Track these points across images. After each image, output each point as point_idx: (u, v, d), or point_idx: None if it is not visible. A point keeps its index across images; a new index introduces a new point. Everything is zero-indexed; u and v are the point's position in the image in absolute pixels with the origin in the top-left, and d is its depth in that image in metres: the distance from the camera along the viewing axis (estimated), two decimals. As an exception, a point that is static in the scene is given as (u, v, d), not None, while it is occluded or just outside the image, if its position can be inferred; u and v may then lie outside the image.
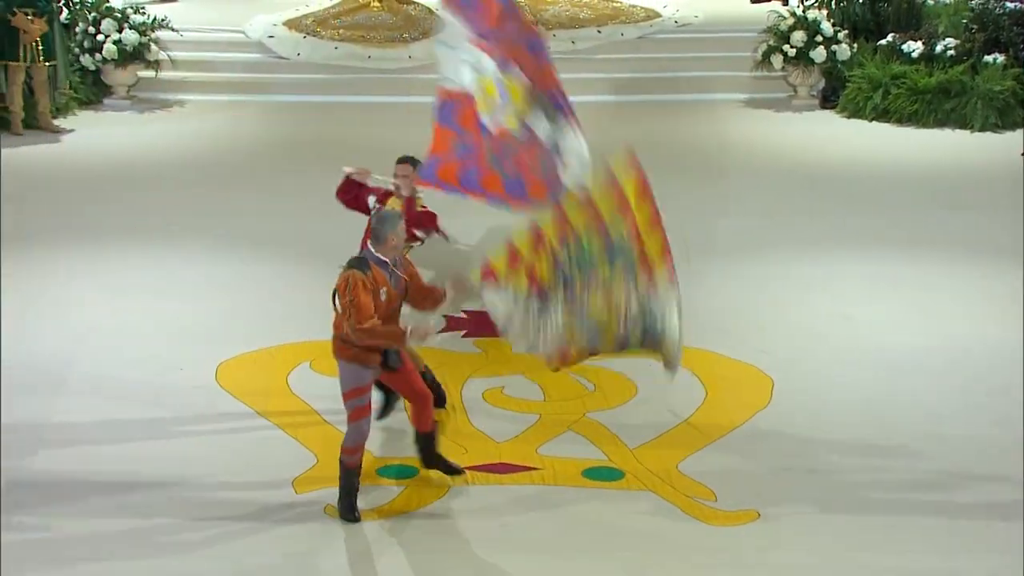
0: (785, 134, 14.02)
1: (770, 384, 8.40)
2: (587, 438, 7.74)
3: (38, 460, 7.36)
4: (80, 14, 14.67)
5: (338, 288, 6.76)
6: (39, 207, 11.44)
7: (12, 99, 13.49)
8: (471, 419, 7.92)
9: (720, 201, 11.84)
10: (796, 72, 14.96)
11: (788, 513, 7.03)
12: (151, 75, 14.72)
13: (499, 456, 7.51)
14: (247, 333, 8.80)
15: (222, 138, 13.65)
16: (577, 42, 15.62)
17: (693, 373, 8.45)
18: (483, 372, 8.42)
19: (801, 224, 11.22)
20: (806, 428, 7.90)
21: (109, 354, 8.54)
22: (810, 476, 7.39)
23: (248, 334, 8.77)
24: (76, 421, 7.80)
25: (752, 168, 12.88)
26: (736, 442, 7.74)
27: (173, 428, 7.76)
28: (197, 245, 10.46)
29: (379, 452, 7.50)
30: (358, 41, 15.48)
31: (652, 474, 7.36)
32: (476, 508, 7.05)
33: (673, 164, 12.83)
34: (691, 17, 16.26)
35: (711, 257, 10.40)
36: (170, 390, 8.16)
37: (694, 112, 14.66)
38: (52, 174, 12.44)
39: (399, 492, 7.14)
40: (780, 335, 9.12)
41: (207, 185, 12.04)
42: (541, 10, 16.24)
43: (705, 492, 7.19)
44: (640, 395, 8.23)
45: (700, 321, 9.25)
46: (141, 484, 7.15)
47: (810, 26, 14.85)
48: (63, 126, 13.83)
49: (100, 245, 10.57)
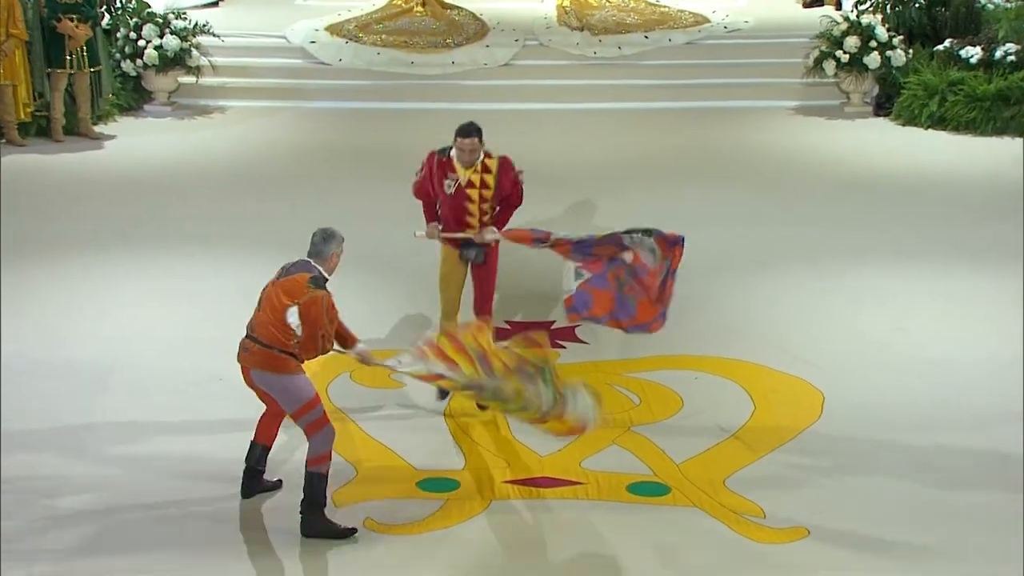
0: (837, 142, 13.82)
1: (820, 398, 8.22)
2: (632, 452, 7.59)
3: (78, 465, 7.32)
4: (122, 19, 14.67)
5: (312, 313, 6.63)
6: (79, 213, 11.43)
7: (54, 105, 13.50)
8: (513, 432, 7.77)
9: (770, 211, 11.67)
10: (849, 79, 14.73)
11: (839, 531, 6.84)
12: (192, 81, 14.70)
13: (542, 470, 7.38)
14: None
15: (262, 145, 13.60)
16: (624, 48, 15.46)
17: (741, 386, 8.30)
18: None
19: (854, 234, 11.02)
20: (857, 443, 7.71)
21: (149, 361, 8.51)
22: (862, 493, 7.21)
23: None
24: (116, 427, 7.74)
25: (803, 177, 12.69)
26: (785, 457, 7.57)
27: (212, 438, 7.67)
28: (237, 252, 10.39)
29: (419, 465, 7.39)
30: (401, 47, 15.38)
31: (699, 490, 7.19)
32: (517, 522, 6.94)
33: (722, 173, 12.70)
34: (741, 22, 16.07)
35: (760, 267, 10.26)
36: (209, 399, 8.08)
37: (744, 120, 14.49)
38: (92, 180, 12.44)
39: (440, 505, 7.02)
40: (831, 348, 8.92)
41: (247, 192, 11.99)
42: (587, 15, 16.08)
43: (753, 508, 7.01)
44: (686, 409, 8.08)
45: (749, 333, 9.11)
46: (178, 493, 7.07)
47: (864, 31, 14.61)
48: (103, 132, 13.83)
49: (139, 251, 10.53)
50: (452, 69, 15.16)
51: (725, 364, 8.64)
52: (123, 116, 14.34)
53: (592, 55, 15.41)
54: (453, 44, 15.44)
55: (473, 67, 15.22)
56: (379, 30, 15.74)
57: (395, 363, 7.06)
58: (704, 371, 8.53)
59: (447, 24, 15.93)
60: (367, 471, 7.28)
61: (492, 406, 7.24)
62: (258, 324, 6.75)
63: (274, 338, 6.68)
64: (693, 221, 11.29)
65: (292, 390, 6.72)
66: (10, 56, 13.08)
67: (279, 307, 6.67)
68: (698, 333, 9.02)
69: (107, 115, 14.13)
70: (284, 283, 6.74)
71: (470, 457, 7.48)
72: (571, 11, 16.22)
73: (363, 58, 15.25)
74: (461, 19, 16.07)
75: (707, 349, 8.80)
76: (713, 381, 8.43)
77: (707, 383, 8.40)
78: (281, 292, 6.71)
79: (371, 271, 9.78)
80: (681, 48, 15.62)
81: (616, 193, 12.05)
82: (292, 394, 6.72)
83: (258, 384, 6.84)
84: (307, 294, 6.64)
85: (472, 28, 15.81)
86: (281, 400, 6.80)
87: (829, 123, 14.50)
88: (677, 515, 7.00)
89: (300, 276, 6.72)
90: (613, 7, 16.44)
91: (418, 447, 7.54)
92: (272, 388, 6.78)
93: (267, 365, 6.71)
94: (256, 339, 6.74)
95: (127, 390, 8.19)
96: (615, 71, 15.24)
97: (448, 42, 15.48)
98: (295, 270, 6.79)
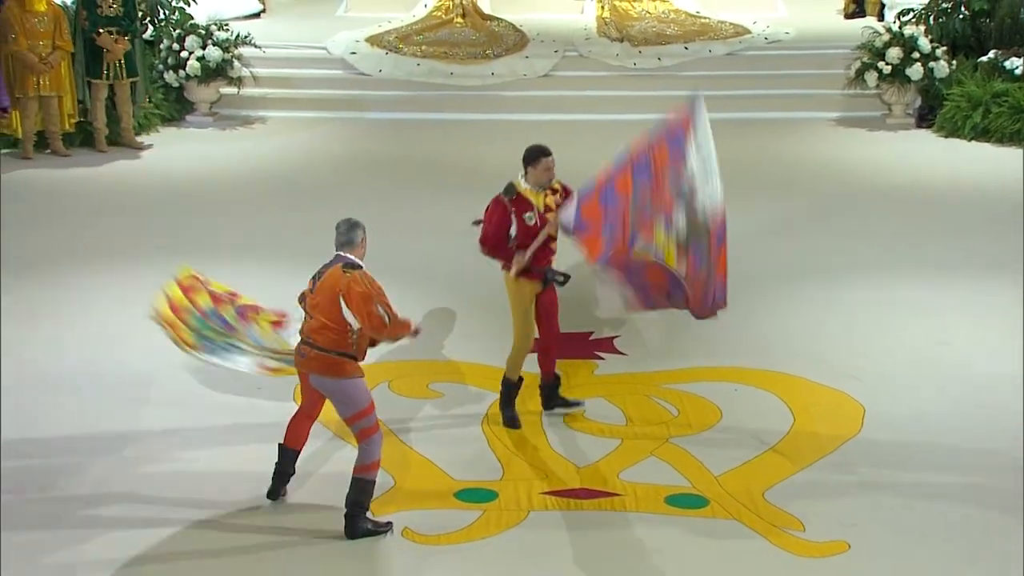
0: (879, 154, 13.73)
1: (861, 411, 8.14)
2: (670, 464, 7.54)
3: (118, 474, 7.35)
4: (165, 31, 14.76)
5: (356, 291, 6.61)
6: (121, 223, 11.50)
7: (95, 115, 13.62)
8: (551, 444, 7.74)
9: (810, 223, 11.59)
10: (891, 90, 14.64)
11: (880, 545, 6.77)
12: (233, 92, 14.78)
13: (580, 481, 7.34)
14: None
15: (303, 155, 13.66)
16: (663, 59, 15.44)
17: (781, 399, 8.24)
18: (564, 395, 8.21)
19: (895, 247, 10.93)
20: (899, 457, 7.63)
21: (190, 372, 8.49)
22: (903, 506, 7.13)
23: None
24: (157, 436, 7.77)
25: (844, 189, 12.61)
26: (825, 470, 7.50)
27: (251, 447, 7.66)
28: (278, 263, 10.39)
29: (457, 475, 7.37)
30: (440, 58, 15.41)
31: (737, 502, 7.13)
32: (555, 534, 6.89)
33: (762, 184, 12.63)
34: (782, 33, 16.02)
35: (800, 280, 10.21)
36: (249, 409, 8.09)
37: (784, 131, 14.43)
38: (134, 190, 12.54)
39: (478, 516, 6.98)
40: (872, 361, 8.84)
41: (287, 202, 12.03)
42: (627, 26, 16.08)
43: (793, 522, 6.94)
44: (725, 421, 8.02)
45: (788, 345, 9.05)
46: (219, 502, 7.08)
47: (907, 42, 14.52)
48: (145, 142, 13.92)
49: (179, 261, 10.46)
50: (492, 80, 15.18)
51: (764, 376, 8.59)
52: (165, 127, 14.45)
53: (632, 66, 15.39)
54: (493, 55, 15.46)
55: (513, 78, 15.23)
56: (419, 41, 15.78)
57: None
58: (743, 383, 8.48)
59: (487, 35, 15.95)
60: (405, 481, 7.27)
61: None
62: (312, 330, 6.75)
63: (331, 341, 6.68)
64: (733, 233, 11.22)
65: (350, 394, 6.75)
66: (56, 68, 13.22)
67: (331, 307, 6.67)
68: (737, 345, 8.97)
69: (149, 125, 14.24)
70: (323, 284, 6.76)
71: (508, 468, 7.46)
72: (611, 22, 16.21)
73: (403, 69, 15.29)
74: (501, 30, 16.09)
75: (746, 361, 8.75)
76: (752, 393, 8.38)
77: (746, 395, 8.35)
78: (325, 294, 6.72)
79: (412, 282, 9.76)
80: (721, 59, 15.58)
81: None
82: (350, 399, 6.75)
83: (316, 388, 6.87)
84: (343, 280, 6.65)
85: (512, 39, 15.83)
86: (337, 404, 6.84)
87: (870, 135, 14.41)
88: (716, 527, 6.93)
89: (333, 269, 6.75)
90: (653, 18, 16.41)
91: (456, 457, 7.53)
92: (330, 392, 6.81)
93: (325, 370, 6.74)
94: (313, 344, 6.76)
95: (169, 400, 8.21)
96: (655, 82, 15.19)
97: (488, 53, 15.51)
98: (327, 269, 6.81)
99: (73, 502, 7.07)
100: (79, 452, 7.57)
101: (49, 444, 7.67)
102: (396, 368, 8.47)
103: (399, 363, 8.53)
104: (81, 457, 7.52)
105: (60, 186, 12.60)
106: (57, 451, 7.59)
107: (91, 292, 9.88)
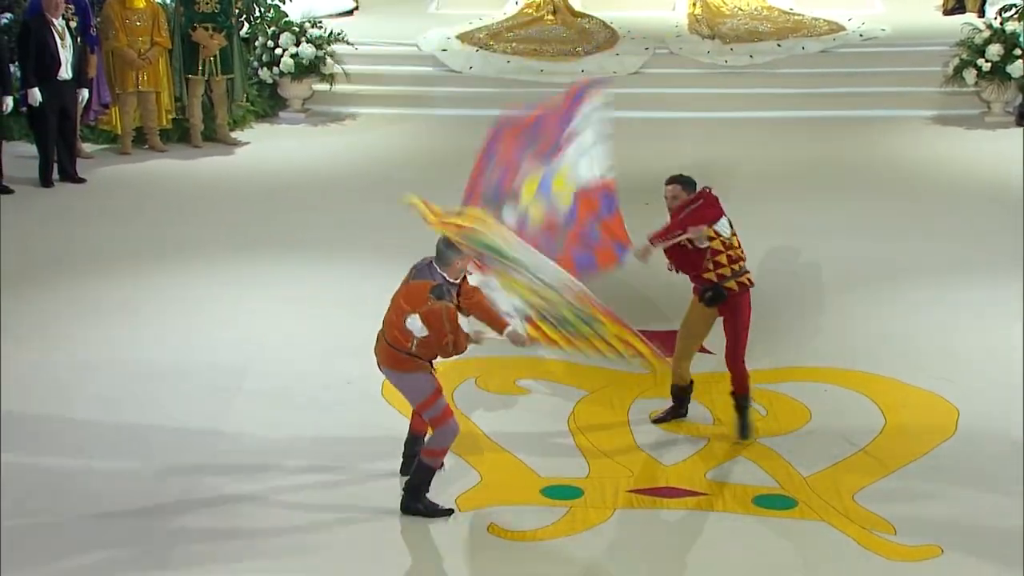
0: (977, 153, 13.48)
1: (955, 413, 7.99)
2: (758, 464, 7.46)
3: (207, 468, 7.44)
4: (260, 28, 14.94)
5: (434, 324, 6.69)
6: (214, 218, 11.65)
7: (191, 111, 13.82)
8: (637, 441, 7.71)
9: (905, 223, 11.42)
10: (990, 88, 14.37)
11: (973, 550, 6.64)
12: (326, 88, 14.90)
13: (666, 480, 7.30)
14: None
15: (393, 151, 13.73)
16: (756, 56, 15.29)
17: (871, 400, 8.13)
18: (651, 393, 8.19)
19: (993, 247, 10.72)
20: (994, 461, 7.48)
21: (279, 366, 8.61)
22: (998, 511, 6.98)
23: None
24: (247, 430, 7.84)
25: (942, 188, 12.41)
26: (918, 473, 7.38)
27: (339, 442, 7.73)
28: (367, 259, 10.47)
29: (543, 472, 7.36)
30: (530, 55, 15.40)
31: (827, 504, 7.04)
32: (641, 532, 6.86)
33: (856, 183, 12.48)
34: (877, 30, 15.78)
35: (897, 280, 10.06)
36: (337, 403, 8.16)
37: (879, 129, 14.23)
38: (228, 185, 12.69)
39: (563, 513, 6.97)
40: (967, 363, 8.68)
41: (377, 198, 12.06)
42: (719, 23, 15.93)
43: (884, 525, 6.84)
44: (814, 421, 7.93)
45: (880, 346, 8.92)
46: (305, 498, 7.14)
47: (1008, 39, 14.24)
48: (239, 138, 14.09)
49: (270, 255, 10.68)
50: (582, 77, 15.10)
51: (855, 377, 8.47)
52: (259, 123, 14.61)
53: (723, 63, 15.26)
54: (583, 52, 15.42)
55: (603, 75, 15.15)
56: (509, 38, 15.79)
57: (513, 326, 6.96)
58: (833, 383, 8.37)
59: (577, 32, 15.91)
60: (491, 476, 7.28)
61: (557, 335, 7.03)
62: (386, 323, 6.91)
63: (395, 339, 6.84)
64: (826, 231, 11.16)
65: (412, 386, 6.93)
66: (154, 64, 13.44)
67: (400, 312, 6.80)
68: (827, 345, 8.86)
69: (243, 121, 14.41)
70: (408, 288, 6.86)
71: (594, 465, 7.44)
72: (702, 19, 16.09)
73: (493, 66, 15.31)
74: (591, 27, 16.04)
75: (836, 361, 8.64)
76: (842, 394, 8.27)
77: (836, 396, 8.24)
78: (403, 297, 6.84)
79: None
80: (815, 56, 15.38)
81: (747, 203, 11.84)
82: (413, 390, 6.95)
83: (385, 375, 7.08)
84: (427, 305, 6.73)
85: (602, 36, 15.77)
86: (404, 394, 7.06)
87: (968, 133, 14.15)
88: (804, 528, 6.85)
89: (423, 284, 6.81)
90: (745, 15, 16.25)
91: (542, 454, 7.52)
92: (395, 383, 7.05)
93: (389, 362, 6.93)
94: (384, 334, 6.94)
95: (259, 394, 8.29)
96: (747, 80, 15.07)
97: (578, 50, 15.46)
98: (420, 276, 6.88)
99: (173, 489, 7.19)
100: (172, 447, 7.66)
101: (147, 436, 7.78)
102: (483, 364, 8.48)
103: (486, 359, 8.52)
104: (171, 452, 7.62)
105: (157, 181, 12.80)
106: (153, 445, 7.71)
107: (184, 286, 9.99)
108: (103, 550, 6.62)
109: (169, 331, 9.20)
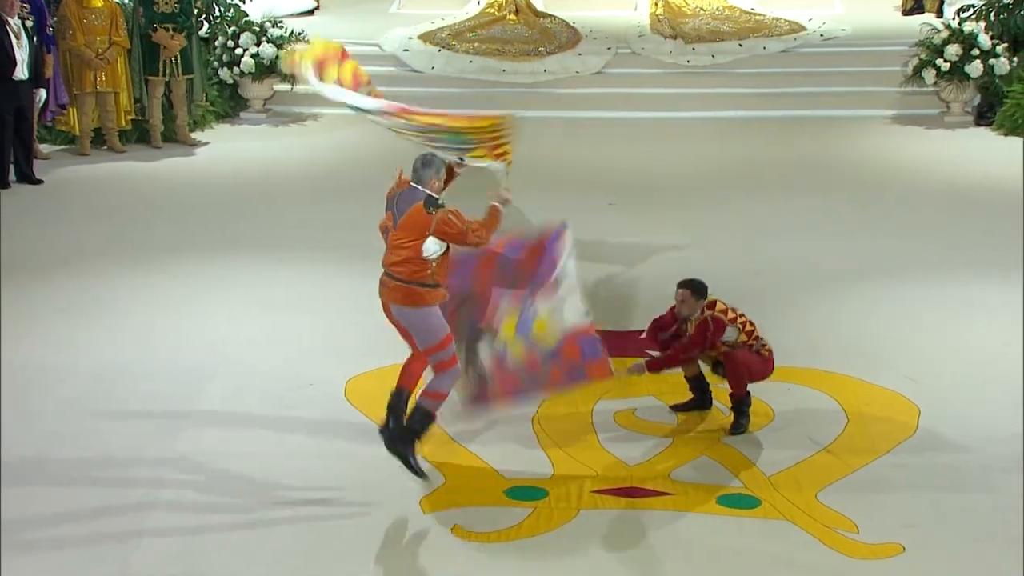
0: (937, 152, 13.59)
1: (916, 412, 8.04)
2: (722, 464, 7.48)
3: (168, 466, 7.40)
4: (220, 28, 14.86)
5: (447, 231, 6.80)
6: (176, 218, 11.59)
7: (152, 112, 13.73)
8: (602, 442, 7.71)
9: (866, 221, 11.49)
10: (949, 87, 14.48)
11: (936, 548, 6.68)
12: (287, 88, 14.84)
13: (630, 480, 7.30)
14: (376, 349, 8.68)
15: (356, 151, 13.69)
16: (717, 56, 15.35)
17: (834, 399, 8.16)
18: (615, 393, 8.19)
19: (953, 247, 10.80)
20: (955, 459, 7.52)
21: (242, 367, 8.56)
22: (960, 509, 7.03)
23: (377, 350, 8.64)
24: (208, 432, 7.80)
25: (901, 187, 12.49)
26: (880, 472, 7.41)
27: (300, 443, 7.69)
28: (329, 260, 10.45)
29: (508, 473, 7.35)
30: (493, 55, 15.41)
31: (790, 503, 7.06)
32: (605, 533, 6.86)
33: (817, 183, 12.55)
34: (838, 30, 15.89)
35: (857, 279, 10.09)
36: (300, 404, 8.12)
37: (840, 129, 14.31)
38: (189, 186, 12.63)
39: (528, 514, 6.96)
40: (928, 362, 8.73)
41: (340, 198, 12.06)
42: (681, 23, 15.99)
43: (847, 523, 6.87)
44: (777, 421, 7.95)
45: (842, 346, 8.96)
46: (268, 499, 7.09)
47: (966, 39, 14.35)
48: (200, 139, 14.01)
49: (235, 256, 10.62)
50: (544, 77, 15.15)
51: (818, 376, 8.50)
52: (219, 123, 14.57)
53: (685, 63, 15.31)
54: (545, 52, 15.44)
55: (565, 75, 15.20)
56: (472, 38, 15.78)
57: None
58: (796, 383, 8.39)
59: (540, 32, 15.93)
60: (455, 478, 7.26)
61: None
62: (394, 263, 6.94)
63: (411, 272, 6.89)
64: (787, 231, 11.22)
65: (430, 323, 6.95)
66: (112, 64, 13.34)
67: (413, 244, 6.83)
68: (790, 344, 8.87)
69: (203, 122, 14.34)
70: (406, 222, 6.89)
71: (558, 466, 7.43)
72: (664, 19, 16.14)
73: (455, 66, 15.30)
74: (554, 27, 16.06)
75: (799, 361, 8.65)
76: (805, 393, 8.30)
77: (799, 395, 8.27)
78: (405, 233, 6.88)
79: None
80: (776, 56, 15.47)
81: (708, 202, 11.94)
82: (429, 328, 6.96)
83: (396, 318, 7.08)
84: (431, 221, 6.81)
85: (565, 36, 15.79)
86: (417, 334, 7.04)
87: (928, 133, 14.26)
88: (768, 528, 6.87)
89: (415, 208, 6.85)
90: (707, 15, 16.32)
91: (506, 455, 7.51)
92: (409, 322, 7.02)
93: (405, 299, 6.95)
94: (393, 276, 6.95)
95: (221, 395, 8.24)
96: (708, 80, 15.13)
97: (540, 50, 15.48)
98: (406, 205, 6.91)
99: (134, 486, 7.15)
100: (135, 446, 7.61)
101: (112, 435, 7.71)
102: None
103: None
104: (133, 451, 7.57)
105: (116, 182, 12.72)
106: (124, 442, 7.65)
107: (145, 287, 9.92)
108: (60, 552, 6.56)
109: (129, 332, 9.14)
